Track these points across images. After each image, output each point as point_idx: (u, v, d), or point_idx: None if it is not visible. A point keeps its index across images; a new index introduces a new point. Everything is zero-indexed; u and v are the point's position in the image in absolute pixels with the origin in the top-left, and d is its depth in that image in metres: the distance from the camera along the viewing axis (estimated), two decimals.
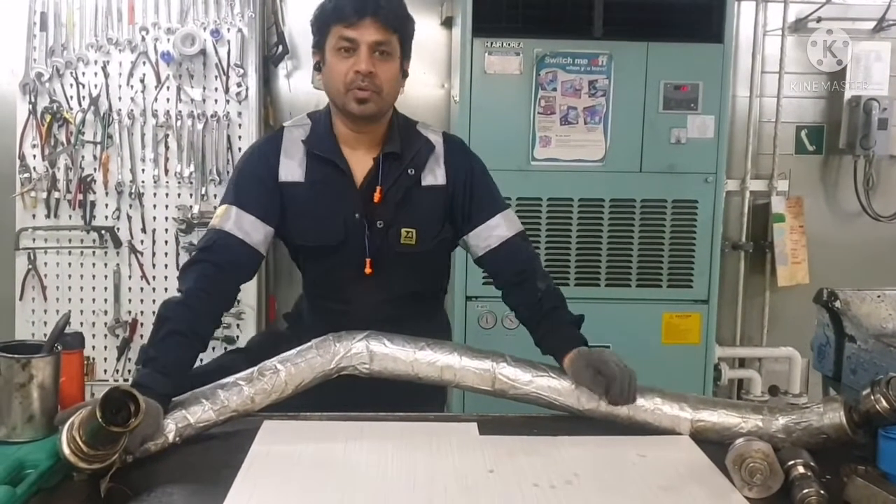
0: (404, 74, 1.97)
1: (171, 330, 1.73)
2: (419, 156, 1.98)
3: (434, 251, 2.02)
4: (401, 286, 2.01)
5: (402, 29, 1.89)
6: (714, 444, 1.65)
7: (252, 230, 1.90)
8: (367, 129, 1.95)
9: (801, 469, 1.43)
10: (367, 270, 1.96)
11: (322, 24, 1.89)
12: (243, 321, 3.62)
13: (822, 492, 1.36)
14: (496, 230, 1.99)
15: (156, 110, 3.57)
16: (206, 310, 1.82)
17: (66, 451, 1.31)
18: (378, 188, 1.94)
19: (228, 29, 3.59)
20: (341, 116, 1.95)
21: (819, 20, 3.91)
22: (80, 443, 1.30)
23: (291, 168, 1.96)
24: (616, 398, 1.69)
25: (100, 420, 1.25)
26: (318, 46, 1.91)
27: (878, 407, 1.52)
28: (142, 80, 3.57)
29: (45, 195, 3.56)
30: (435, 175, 1.98)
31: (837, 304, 2.02)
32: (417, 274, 2.03)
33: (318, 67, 1.94)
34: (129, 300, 3.64)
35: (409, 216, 1.96)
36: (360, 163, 1.96)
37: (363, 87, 1.85)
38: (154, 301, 3.59)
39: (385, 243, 1.96)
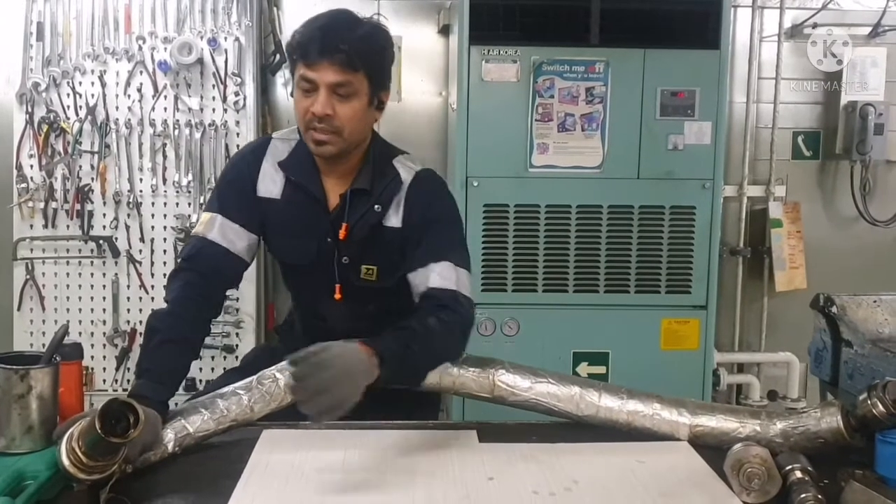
0: (379, 105, 1.92)
1: (162, 340, 1.75)
2: (386, 192, 1.94)
3: (397, 285, 1.97)
4: (371, 308, 2.01)
5: (370, 65, 1.83)
6: (712, 449, 1.66)
7: (236, 238, 1.92)
8: (336, 162, 1.93)
9: (798, 474, 1.44)
10: (337, 296, 1.98)
11: (290, 57, 1.89)
12: (242, 329, 3.62)
13: (819, 496, 1.36)
14: (426, 277, 1.87)
15: (153, 119, 3.57)
16: (193, 317, 1.85)
17: (66, 462, 1.31)
18: (344, 225, 1.93)
19: (226, 38, 3.59)
20: None
21: (815, 26, 3.91)
22: (80, 454, 1.31)
23: (269, 184, 1.96)
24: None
25: (99, 431, 1.25)
26: (292, 74, 1.89)
27: (874, 411, 1.53)
28: (139, 90, 3.57)
29: (42, 205, 3.56)
30: (396, 216, 1.94)
31: (834, 309, 2.02)
32: (387, 298, 2.01)
33: (293, 93, 1.91)
34: (128, 310, 3.64)
35: (370, 254, 1.96)
36: (334, 190, 1.96)
37: (320, 129, 1.82)
38: (153, 310, 3.58)
39: (349, 275, 1.97)
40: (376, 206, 1.93)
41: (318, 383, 1.49)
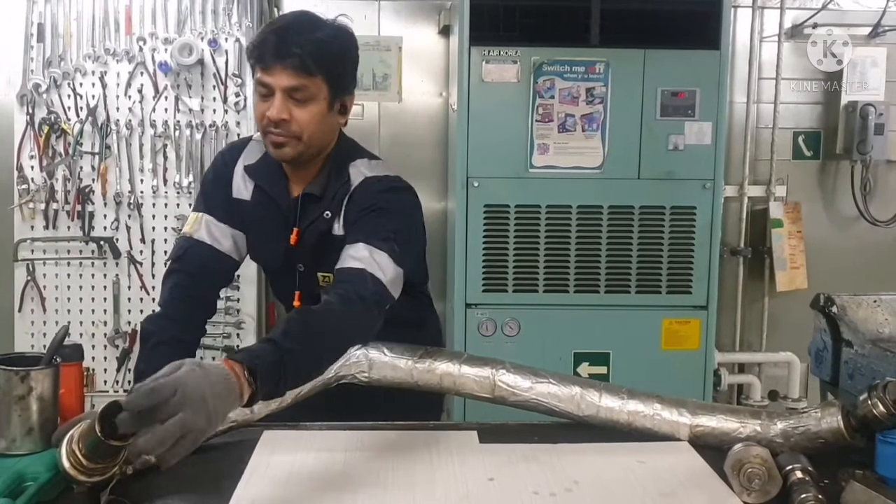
0: (341, 110, 1.87)
1: (157, 342, 1.76)
2: (336, 199, 1.89)
3: None
4: None
5: (327, 69, 1.77)
6: (713, 449, 1.66)
7: (221, 237, 1.93)
8: (299, 167, 1.91)
9: (799, 474, 1.44)
10: (296, 303, 1.96)
11: (248, 60, 1.85)
12: (243, 330, 3.62)
13: (819, 496, 1.36)
14: (340, 261, 1.75)
15: (154, 120, 3.58)
16: (187, 318, 1.86)
17: (66, 464, 1.31)
18: (294, 230, 1.91)
19: (226, 39, 3.59)
20: None
21: (815, 26, 3.91)
22: (80, 456, 1.30)
23: (241, 186, 1.97)
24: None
25: (99, 434, 1.25)
26: (253, 77, 1.86)
27: (874, 411, 1.53)
28: (139, 91, 3.58)
29: (43, 206, 3.57)
30: (339, 223, 1.89)
31: (834, 309, 2.02)
32: None
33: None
34: (129, 311, 3.64)
35: (324, 262, 1.90)
36: (296, 195, 1.94)
37: (276, 133, 1.79)
38: (153, 311, 3.58)
39: (308, 283, 1.96)
40: (326, 213, 1.89)
41: (156, 414, 1.20)
